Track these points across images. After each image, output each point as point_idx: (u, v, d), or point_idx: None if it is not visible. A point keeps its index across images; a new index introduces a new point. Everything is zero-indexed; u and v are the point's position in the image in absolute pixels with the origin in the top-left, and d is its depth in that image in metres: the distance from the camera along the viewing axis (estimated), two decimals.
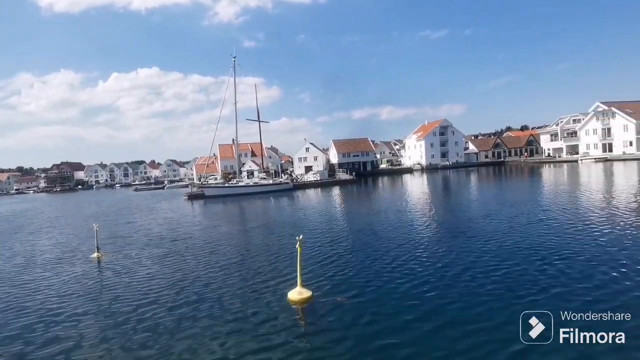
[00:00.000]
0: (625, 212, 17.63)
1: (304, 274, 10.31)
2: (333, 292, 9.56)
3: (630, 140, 69.79)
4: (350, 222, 21.79)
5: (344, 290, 9.66)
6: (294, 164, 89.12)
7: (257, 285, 10.61)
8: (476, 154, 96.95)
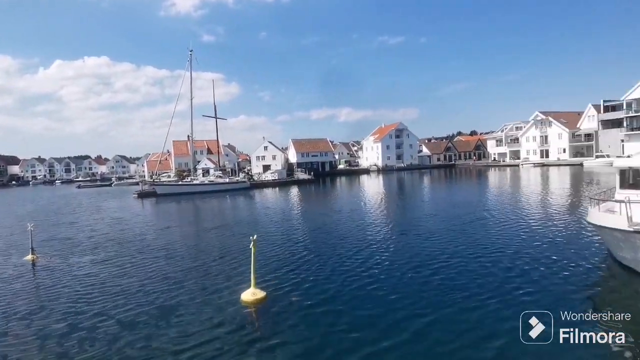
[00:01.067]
0: (555, 212, 19.42)
1: (259, 275, 10.19)
2: (288, 292, 9.53)
3: (564, 147, 76.56)
4: (307, 221, 21.86)
5: (299, 290, 9.67)
6: (251, 163, 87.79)
7: (210, 286, 10.31)
8: (429, 157, 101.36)
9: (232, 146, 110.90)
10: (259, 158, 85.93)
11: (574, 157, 71.77)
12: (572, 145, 75.34)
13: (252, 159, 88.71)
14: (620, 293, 8.97)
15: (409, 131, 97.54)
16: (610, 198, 11.18)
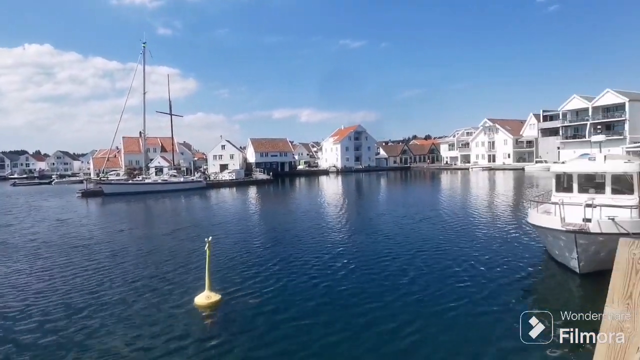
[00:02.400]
0: (500, 213, 20.75)
1: (215, 277, 9.90)
2: (244, 295, 9.33)
3: (509, 152, 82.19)
4: (265, 222, 21.62)
5: (256, 292, 9.50)
6: (208, 162, 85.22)
7: (162, 291, 9.84)
8: (386, 159, 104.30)
9: (188, 144, 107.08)
10: (216, 157, 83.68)
11: (517, 162, 77.28)
12: (516, 151, 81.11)
13: (208, 157, 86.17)
14: (552, 288, 9.80)
15: (368, 134, 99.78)
16: (547, 200, 12.14)
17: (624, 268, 2.52)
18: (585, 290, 9.14)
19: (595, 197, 10.75)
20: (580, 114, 66.99)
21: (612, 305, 2.62)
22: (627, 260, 2.49)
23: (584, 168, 11.69)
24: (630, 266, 2.48)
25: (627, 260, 2.49)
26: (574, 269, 9.82)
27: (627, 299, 2.53)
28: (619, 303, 2.57)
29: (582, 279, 9.50)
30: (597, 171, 11.42)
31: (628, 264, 2.49)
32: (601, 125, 62.62)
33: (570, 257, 9.83)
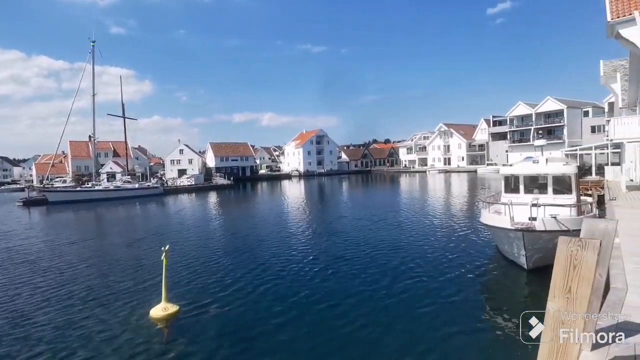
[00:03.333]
0: (455, 214, 21.71)
1: (172, 288, 9.50)
2: (204, 304, 9.00)
3: (463, 156, 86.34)
4: (225, 228, 21.09)
5: (217, 301, 9.20)
6: (165, 167, 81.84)
7: (115, 305, 9.25)
8: (347, 163, 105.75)
9: (144, 149, 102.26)
10: (174, 162, 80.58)
11: (471, 165, 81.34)
12: (469, 154, 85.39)
13: (166, 162, 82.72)
14: (503, 284, 10.40)
15: (329, 138, 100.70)
16: (497, 201, 12.88)
17: (563, 264, 2.72)
18: (532, 285, 9.75)
19: (539, 197, 11.53)
20: (525, 120, 71.91)
21: (554, 300, 2.81)
22: (565, 257, 2.69)
23: (529, 170, 12.52)
24: (569, 262, 2.68)
25: (566, 257, 2.69)
26: (522, 265, 10.46)
27: (566, 293, 2.73)
28: (560, 297, 2.77)
29: (530, 274, 10.14)
30: (540, 173, 12.28)
31: (566, 260, 2.69)
32: (543, 130, 67.62)
33: (519, 254, 10.46)
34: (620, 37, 15.64)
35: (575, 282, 2.64)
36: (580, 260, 2.60)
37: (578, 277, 2.62)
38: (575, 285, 2.64)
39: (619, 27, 15.42)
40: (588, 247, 2.56)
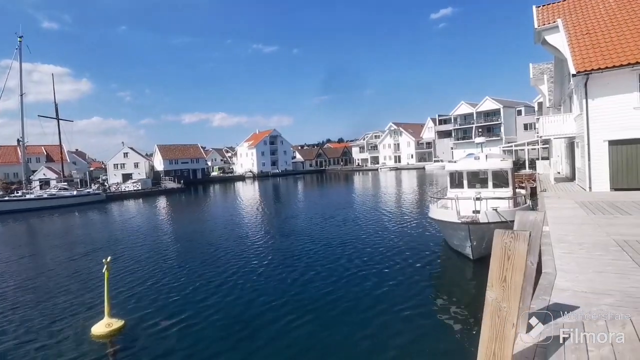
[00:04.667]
0: (406, 209, 22.58)
1: (117, 301, 8.90)
2: (151, 317, 8.51)
3: (412, 153, 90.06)
4: (175, 235, 20.14)
5: (165, 314, 8.73)
6: (108, 172, 76.63)
7: (54, 324, 8.44)
8: (302, 163, 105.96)
9: (82, 152, 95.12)
10: (118, 166, 75.72)
11: (419, 162, 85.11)
12: (418, 152, 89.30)
13: (108, 167, 77.41)
14: (451, 273, 10.99)
15: (283, 138, 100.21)
16: (444, 196, 13.57)
17: (498, 255, 2.90)
18: (478, 274, 10.37)
19: (481, 191, 12.32)
20: (467, 118, 76.63)
21: (492, 289, 2.99)
22: (500, 249, 2.87)
23: (471, 166, 13.34)
24: (504, 253, 2.87)
25: (501, 248, 2.87)
26: (468, 255, 11.11)
27: (502, 282, 2.91)
28: (497, 286, 2.95)
29: (475, 263, 10.79)
30: (481, 169, 13.13)
31: (502, 251, 2.87)
32: (483, 128, 72.50)
33: (465, 245, 11.10)
34: (546, 43, 17.16)
35: (509, 271, 2.82)
36: (513, 251, 2.78)
37: (512, 266, 2.81)
38: (509, 274, 2.83)
39: (545, 33, 16.93)
40: (519, 239, 2.75)
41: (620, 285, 4.61)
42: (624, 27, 14.69)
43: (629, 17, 15.05)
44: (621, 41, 14.13)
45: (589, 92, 14.22)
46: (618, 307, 3.91)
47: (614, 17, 15.43)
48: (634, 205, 10.49)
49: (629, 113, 13.71)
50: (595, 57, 14.02)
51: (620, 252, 6.02)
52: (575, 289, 4.58)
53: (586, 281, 4.83)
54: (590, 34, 15.13)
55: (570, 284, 4.76)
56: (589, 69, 13.73)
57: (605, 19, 15.53)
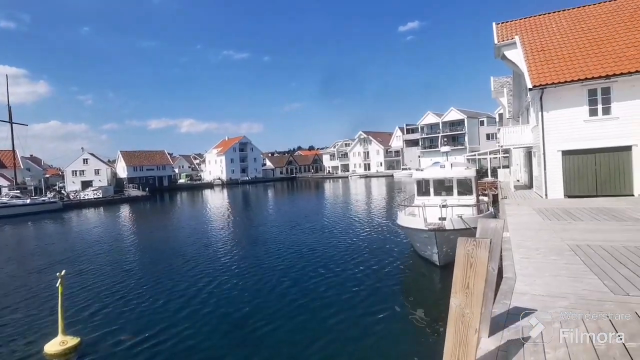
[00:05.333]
0: (375, 217, 22.90)
1: (73, 318, 8.39)
2: (110, 334, 8.05)
3: (381, 161, 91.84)
4: (136, 245, 19.30)
5: (124, 329, 8.29)
6: (66, 179, 72.60)
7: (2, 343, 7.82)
8: (272, 170, 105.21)
9: (37, 158, 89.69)
10: (77, 173, 71.97)
11: (388, 170, 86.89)
12: (387, 160, 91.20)
13: (66, 174, 73.36)
14: (418, 280, 11.21)
15: (253, 145, 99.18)
16: (411, 204, 13.88)
17: (462, 263, 2.98)
18: (444, 279, 10.63)
19: (447, 199, 12.71)
20: (434, 128, 79.26)
21: (455, 295, 3.06)
22: (464, 256, 2.95)
23: (437, 175, 13.75)
24: (467, 260, 2.95)
25: (464, 255, 2.96)
26: (435, 262, 11.37)
27: (465, 289, 2.99)
28: (460, 293, 3.02)
29: (442, 269, 11.06)
30: (446, 177, 13.57)
31: (464, 259, 2.95)
32: (448, 138, 75.19)
33: (432, 251, 11.37)
34: (505, 57, 18.13)
35: (472, 278, 2.91)
36: (476, 258, 2.87)
37: (474, 273, 2.89)
38: (472, 281, 2.91)
39: (504, 49, 17.89)
40: (481, 246, 2.84)
41: (574, 288, 4.87)
42: (574, 45, 15.81)
43: (579, 36, 16.22)
44: (572, 58, 15.18)
45: (544, 105, 15.13)
46: (572, 310, 4.12)
47: (565, 36, 16.58)
48: (585, 211, 11.19)
49: (579, 125, 14.69)
50: (549, 72, 14.96)
51: (573, 256, 6.37)
52: (533, 293, 4.79)
53: (543, 285, 5.07)
54: (545, 51, 16.16)
55: (529, 288, 4.97)
56: (543, 83, 14.62)
57: (558, 37, 16.65)
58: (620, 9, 16.86)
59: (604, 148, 14.37)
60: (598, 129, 14.46)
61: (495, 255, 3.64)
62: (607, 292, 4.65)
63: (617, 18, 16.39)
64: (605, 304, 4.24)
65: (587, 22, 16.96)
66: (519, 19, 19.19)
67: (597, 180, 14.61)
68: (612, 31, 15.70)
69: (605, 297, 4.45)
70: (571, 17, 17.89)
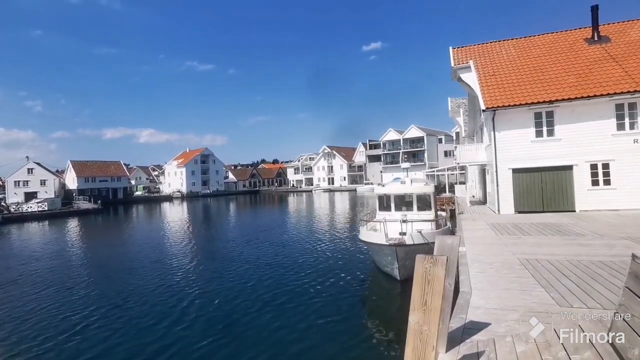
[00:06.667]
0: (338, 232, 23.01)
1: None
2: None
3: (344, 176, 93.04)
4: (84, 265, 17.94)
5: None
6: (7, 190, 66.86)
7: None
8: (235, 183, 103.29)
9: None
10: (20, 183, 66.59)
11: (351, 184, 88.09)
12: (350, 175, 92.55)
13: (7, 184, 67.63)
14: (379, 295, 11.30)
15: (215, 157, 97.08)
16: (373, 218, 14.07)
17: (420, 280, 3.02)
18: (404, 294, 10.78)
19: (407, 214, 13.02)
20: (395, 144, 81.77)
21: (414, 313, 3.09)
22: (421, 274, 3.00)
23: (397, 190, 14.08)
24: (424, 278, 2.99)
25: (422, 273, 3.00)
26: (395, 276, 11.52)
27: (423, 306, 3.03)
28: (418, 310, 3.05)
29: (402, 284, 11.21)
30: (407, 192, 13.92)
31: (423, 276, 3.00)
32: (409, 154, 77.86)
33: (392, 266, 11.52)
34: (460, 80, 19.19)
35: (429, 295, 2.95)
36: (433, 275, 2.92)
37: (432, 290, 2.94)
38: (430, 298, 2.95)
39: (460, 72, 18.94)
40: (438, 264, 2.89)
41: (524, 301, 5.10)
42: (521, 71, 17.08)
43: (526, 63, 17.56)
44: (520, 83, 16.37)
45: (496, 125, 16.11)
46: (523, 323, 4.29)
47: (514, 62, 17.89)
48: (533, 226, 11.90)
49: (527, 145, 15.76)
50: (500, 95, 16.01)
51: (523, 269, 6.71)
52: (487, 307, 4.96)
53: (496, 298, 5.26)
54: (496, 75, 17.31)
55: (483, 302, 5.14)
56: (495, 105, 15.60)
57: (507, 63, 17.93)
58: (560, 40, 18.51)
59: (548, 167, 15.48)
60: (543, 149, 15.58)
61: (452, 271, 3.73)
62: (553, 304, 4.90)
63: (557, 48, 17.96)
64: (552, 316, 4.46)
65: (532, 50, 18.45)
66: (473, 44, 20.49)
67: (544, 196, 15.65)
68: (553, 60, 17.16)
69: (551, 309, 4.69)
70: (519, 45, 19.38)
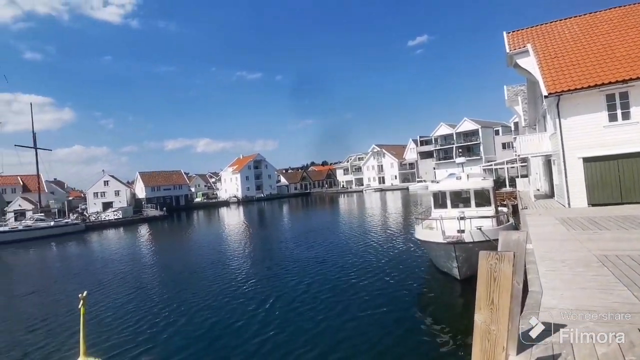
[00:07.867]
0: (392, 231, 22.59)
1: (95, 339, 8.45)
2: (133, 357, 8.10)
3: (395, 174, 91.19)
4: (156, 266, 19.49)
5: (146, 352, 8.33)
6: (87, 201, 74.57)
7: None
8: (287, 186, 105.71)
9: (60, 182, 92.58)
10: (98, 194, 73.87)
11: (403, 183, 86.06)
12: (401, 173, 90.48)
13: (88, 196, 75.43)
14: (439, 294, 10.92)
15: (267, 162, 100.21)
16: (429, 216, 13.66)
17: (485, 278, 2.90)
18: (465, 293, 10.35)
19: (464, 211, 12.47)
20: (448, 139, 78.50)
21: (480, 312, 2.98)
22: (487, 271, 2.88)
23: (453, 186, 13.55)
24: (490, 275, 2.87)
25: (487, 270, 2.88)
26: (455, 275, 11.10)
27: (490, 305, 2.91)
28: (485, 309, 2.94)
29: (462, 283, 10.77)
30: (463, 188, 13.35)
31: (487, 273, 2.88)
32: (463, 148, 74.27)
33: (452, 265, 11.11)
34: (517, 66, 17.97)
35: (496, 293, 2.82)
36: (499, 273, 2.79)
37: (499, 288, 2.81)
38: (497, 296, 2.82)
39: (516, 57, 17.74)
40: (504, 260, 2.76)
41: (603, 300, 4.66)
42: (588, 51, 15.57)
43: (592, 41, 15.99)
44: (587, 64, 14.93)
45: (561, 112, 14.84)
46: (603, 324, 3.94)
47: (578, 42, 16.37)
48: (611, 220, 10.78)
49: (599, 131, 14.32)
50: (564, 79, 14.73)
51: (601, 267, 6.12)
52: (562, 307, 4.60)
53: (571, 298, 4.87)
54: (559, 57, 15.96)
55: (557, 302, 4.78)
56: (559, 90, 14.38)
57: (571, 43, 16.44)
58: (630, 14, 16.61)
59: (626, 154, 13.92)
60: (619, 134, 14.05)
61: (519, 268, 3.53)
62: (637, 303, 4.43)
63: (627, 22, 16.13)
64: (637, 317, 4.03)
65: (599, 27, 16.74)
66: (529, 27, 19.09)
67: (622, 186, 14.11)
68: (624, 35, 15.43)
69: (636, 309, 4.24)
70: (583, 22, 17.70)
